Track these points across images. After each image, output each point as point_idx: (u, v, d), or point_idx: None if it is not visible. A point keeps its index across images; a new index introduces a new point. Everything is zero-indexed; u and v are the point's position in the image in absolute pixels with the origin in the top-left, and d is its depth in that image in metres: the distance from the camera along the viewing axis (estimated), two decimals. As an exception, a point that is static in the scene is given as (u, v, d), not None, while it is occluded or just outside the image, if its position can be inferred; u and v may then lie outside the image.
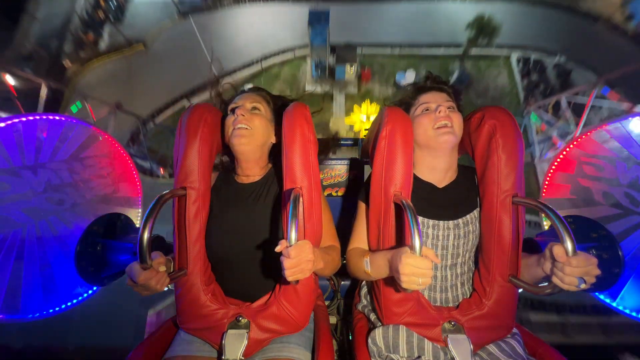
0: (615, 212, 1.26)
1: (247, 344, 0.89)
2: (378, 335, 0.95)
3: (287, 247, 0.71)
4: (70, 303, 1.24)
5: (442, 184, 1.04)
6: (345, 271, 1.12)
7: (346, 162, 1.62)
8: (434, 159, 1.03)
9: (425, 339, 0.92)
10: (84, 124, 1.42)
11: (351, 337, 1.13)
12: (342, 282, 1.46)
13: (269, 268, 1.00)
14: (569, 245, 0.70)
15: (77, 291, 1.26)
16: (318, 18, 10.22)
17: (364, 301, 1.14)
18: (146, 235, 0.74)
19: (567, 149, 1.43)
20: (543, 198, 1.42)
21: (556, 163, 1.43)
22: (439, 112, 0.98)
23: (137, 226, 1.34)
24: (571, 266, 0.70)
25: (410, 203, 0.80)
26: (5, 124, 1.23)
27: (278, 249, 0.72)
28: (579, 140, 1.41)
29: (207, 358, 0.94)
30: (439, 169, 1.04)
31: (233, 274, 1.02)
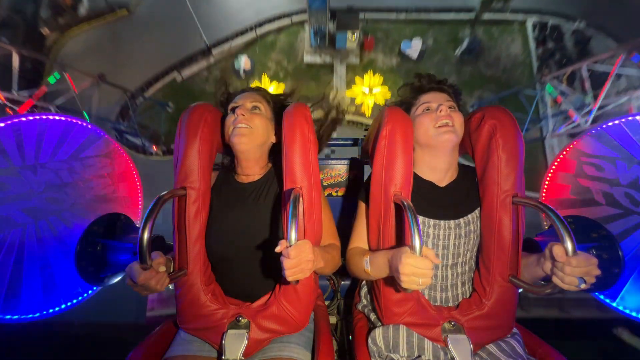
0: (615, 212, 1.26)
1: (247, 344, 0.89)
2: (378, 335, 0.95)
3: (287, 247, 0.71)
4: (70, 303, 1.24)
5: (443, 183, 1.04)
6: (345, 271, 1.12)
7: (346, 162, 1.62)
8: (435, 158, 1.03)
9: (425, 339, 0.92)
10: (84, 124, 1.42)
11: (351, 337, 1.13)
12: (342, 282, 1.46)
13: (269, 268, 1.00)
14: (569, 245, 0.70)
15: (77, 291, 1.26)
16: (317, -22, 8.51)
17: (364, 301, 1.14)
18: (146, 235, 0.74)
19: (567, 149, 1.43)
20: (543, 198, 1.43)
21: (556, 163, 1.43)
22: (440, 112, 0.98)
23: (137, 226, 1.34)
24: (571, 266, 0.70)
25: (410, 203, 0.80)
26: (5, 124, 1.23)
27: (278, 249, 0.72)
28: (579, 140, 1.42)
29: (207, 358, 0.94)
30: (440, 169, 1.04)
31: (233, 274, 1.02)
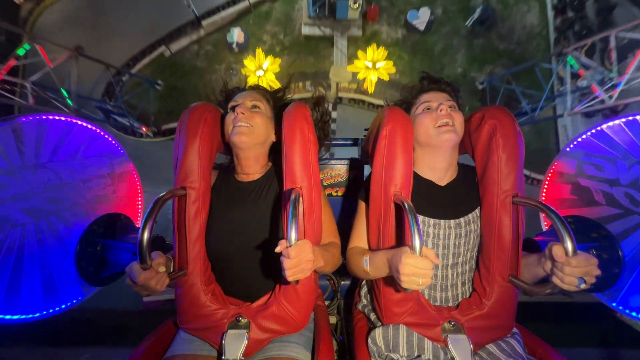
0: (615, 212, 1.26)
1: (247, 344, 0.89)
2: (378, 335, 0.95)
3: (287, 247, 0.71)
4: (70, 303, 1.24)
5: (443, 183, 1.04)
6: (345, 271, 1.12)
7: (346, 162, 1.62)
8: (435, 158, 1.03)
9: (425, 339, 0.92)
10: (84, 124, 1.42)
11: (351, 337, 1.13)
12: (342, 282, 1.46)
13: (269, 268, 1.00)
14: (569, 245, 0.70)
15: (77, 291, 1.26)
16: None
17: (364, 301, 1.14)
18: (146, 235, 0.74)
19: (567, 149, 1.43)
20: (543, 198, 1.43)
21: (556, 163, 1.43)
22: (440, 111, 0.98)
23: (137, 226, 1.34)
24: (571, 266, 0.70)
25: (410, 203, 0.80)
26: (5, 124, 1.23)
27: (278, 250, 0.72)
28: (579, 140, 1.42)
29: (207, 358, 0.94)
30: (440, 168, 1.04)
31: (233, 274, 1.02)
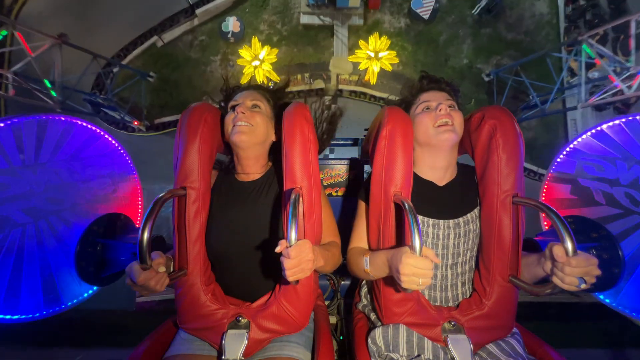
0: (615, 212, 1.26)
1: (247, 344, 0.89)
2: (378, 334, 0.94)
3: (287, 248, 0.71)
4: (70, 303, 1.24)
5: (442, 182, 1.04)
6: (345, 271, 1.12)
7: (346, 162, 1.62)
8: (434, 157, 1.03)
9: (425, 338, 0.92)
10: (85, 124, 1.42)
11: (351, 337, 1.13)
12: (342, 282, 1.46)
13: (269, 267, 1.00)
14: (569, 245, 0.70)
15: (77, 291, 1.26)
16: None
17: (364, 301, 1.14)
18: (146, 235, 0.74)
19: (567, 149, 1.43)
20: (543, 198, 1.43)
21: (556, 162, 1.43)
22: (440, 110, 0.98)
23: (137, 226, 1.34)
24: (571, 266, 0.70)
25: (410, 203, 0.80)
26: (5, 124, 1.23)
27: (278, 250, 0.72)
28: (579, 140, 1.42)
29: (207, 358, 0.94)
30: (439, 167, 1.04)
31: (233, 273, 1.02)
